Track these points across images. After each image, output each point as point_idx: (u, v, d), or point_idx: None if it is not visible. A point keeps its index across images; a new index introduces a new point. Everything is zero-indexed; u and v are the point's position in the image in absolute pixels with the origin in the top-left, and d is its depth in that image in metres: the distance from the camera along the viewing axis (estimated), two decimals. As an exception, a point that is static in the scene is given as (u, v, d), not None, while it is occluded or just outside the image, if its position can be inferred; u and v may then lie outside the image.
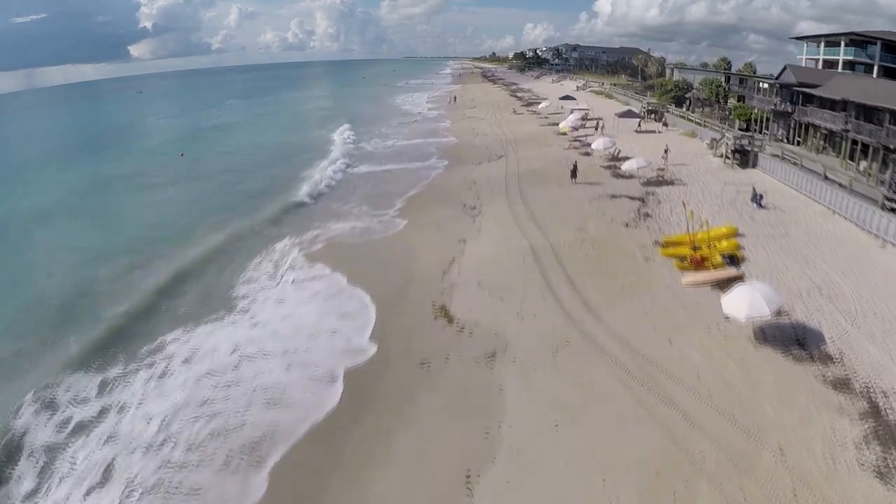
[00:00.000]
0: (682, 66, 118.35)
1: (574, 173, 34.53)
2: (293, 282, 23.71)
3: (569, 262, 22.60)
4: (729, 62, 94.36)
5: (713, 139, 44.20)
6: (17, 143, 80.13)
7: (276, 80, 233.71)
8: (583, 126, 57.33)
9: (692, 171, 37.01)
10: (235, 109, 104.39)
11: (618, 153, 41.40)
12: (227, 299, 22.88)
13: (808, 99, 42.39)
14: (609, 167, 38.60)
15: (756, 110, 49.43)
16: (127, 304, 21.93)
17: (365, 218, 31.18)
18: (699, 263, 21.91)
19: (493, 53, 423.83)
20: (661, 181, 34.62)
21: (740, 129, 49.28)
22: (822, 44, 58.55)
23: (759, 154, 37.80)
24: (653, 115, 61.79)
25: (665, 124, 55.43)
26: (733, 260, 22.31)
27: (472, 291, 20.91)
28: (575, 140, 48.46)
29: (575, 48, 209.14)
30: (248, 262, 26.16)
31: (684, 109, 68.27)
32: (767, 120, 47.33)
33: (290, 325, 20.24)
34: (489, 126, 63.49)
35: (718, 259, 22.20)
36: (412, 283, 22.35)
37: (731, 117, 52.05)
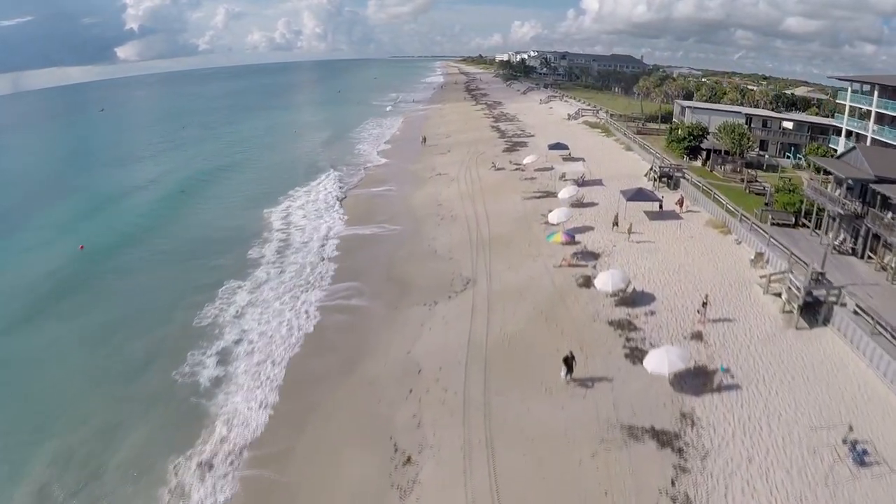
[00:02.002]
0: (687, 82, 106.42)
1: (570, 367, 22.47)
2: None
3: None
4: (743, 91, 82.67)
5: (758, 254, 32.37)
6: None
7: (251, 93, 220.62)
8: (580, 202, 45.50)
9: (742, 341, 25.01)
10: (186, 150, 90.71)
11: (631, 290, 29.28)
12: None
13: (888, 201, 30.52)
14: (622, 327, 26.38)
15: (807, 197, 37.26)
16: None
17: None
18: None
19: (481, 56, 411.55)
20: (700, 375, 22.61)
21: (784, 222, 37.49)
22: (876, 91, 46.81)
23: (836, 307, 25.97)
24: (665, 181, 49.96)
25: (681, 203, 43.39)
26: None
27: None
28: (569, 243, 36.08)
29: (564, 55, 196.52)
30: None
31: (700, 164, 56.74)
32: (827, 216, 35.14)
33: None
34: (459, 196, 51.16)
35: None
36: None
37: (771, 204, 39.95)
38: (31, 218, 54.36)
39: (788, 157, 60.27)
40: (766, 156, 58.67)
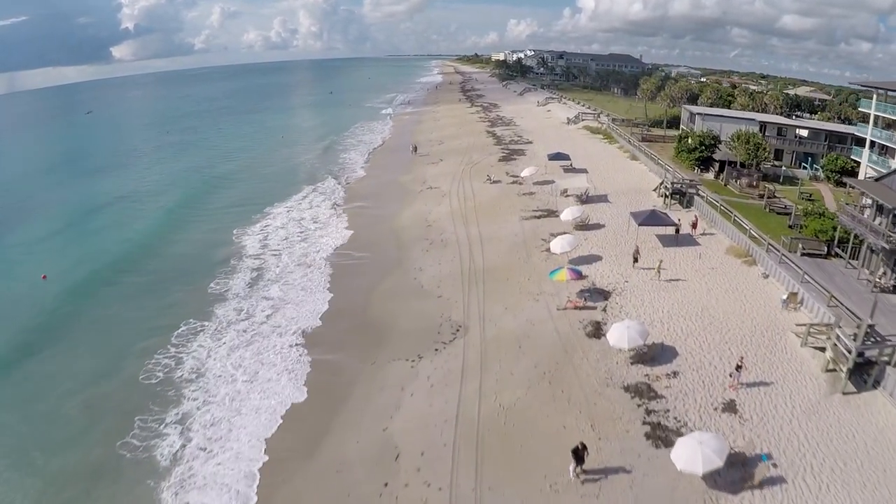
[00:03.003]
0: (688, 83, 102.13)
1: (581, 457, 18.34)
2: None
3: None
4: (751, 94, 78.55)
5: (791, 294, 28.25)
6: None
7: (241, 95, 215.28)
8: (584, 223, 41.41)
9: (782, 414, 20.91)
10: (166, 159, 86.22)
11: (651, 344, 25.07)
12: None
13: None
14: (640, 394, 22.15)
15: (841, 225, 33.02)
16: None
17: None
18: None
19: (476, 54, 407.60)
20: (738, 466, 18.45)
21: (815, 251, 33.46)
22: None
23: (888, 366, 21.91)
24: (678, 198, 45.79)
25: (695, 225, 39.32)
26: None
27: None
28: (576, 279, 31.52)
29: (562, 55, 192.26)
30: None
31: (713, 177, 52.72)
32: (867, 248, 30.99)
33: None
34: (451, 215, 46.93)
35: None
36: None
37: (797, 227, 35.88)
38: (15, 234, 50.30)
39: (805, 168, 56.20)
40: (783, 167, 54.52)
